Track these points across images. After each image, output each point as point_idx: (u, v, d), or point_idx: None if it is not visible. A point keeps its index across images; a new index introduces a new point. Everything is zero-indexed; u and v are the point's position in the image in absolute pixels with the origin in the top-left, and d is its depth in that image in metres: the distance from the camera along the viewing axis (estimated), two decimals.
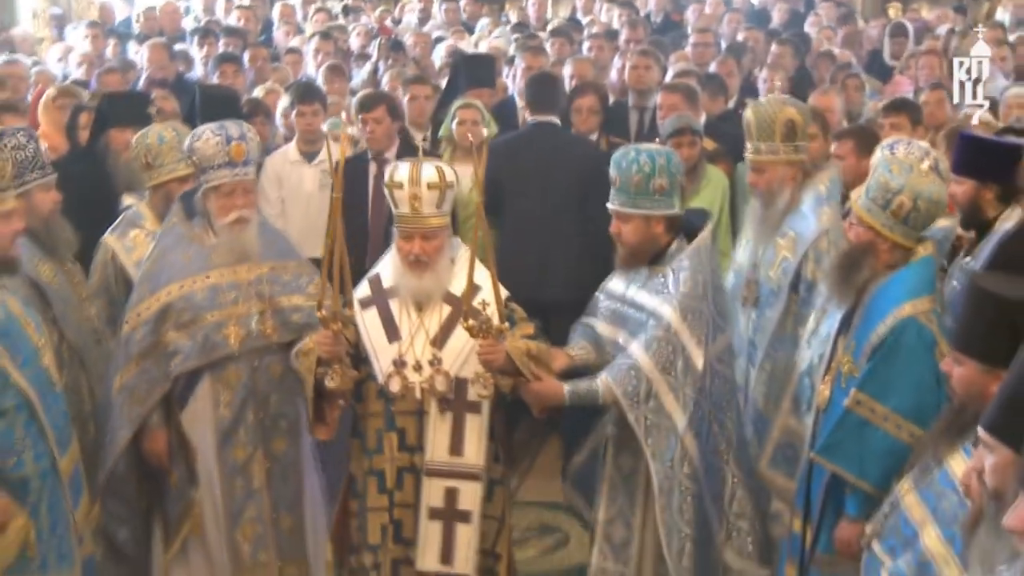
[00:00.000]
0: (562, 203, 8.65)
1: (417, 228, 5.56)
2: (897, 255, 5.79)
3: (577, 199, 8.25)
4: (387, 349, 5.61)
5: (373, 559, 5.66)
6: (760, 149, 6.97)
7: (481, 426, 5.57)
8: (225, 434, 6.40)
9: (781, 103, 7.11)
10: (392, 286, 5.73)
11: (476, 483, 5.55)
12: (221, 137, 6.24)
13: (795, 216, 6.92)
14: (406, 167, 5.53)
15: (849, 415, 5.68)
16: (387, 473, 5.65)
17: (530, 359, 5.45)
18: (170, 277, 6.43)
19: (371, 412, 5.69)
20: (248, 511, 6.44)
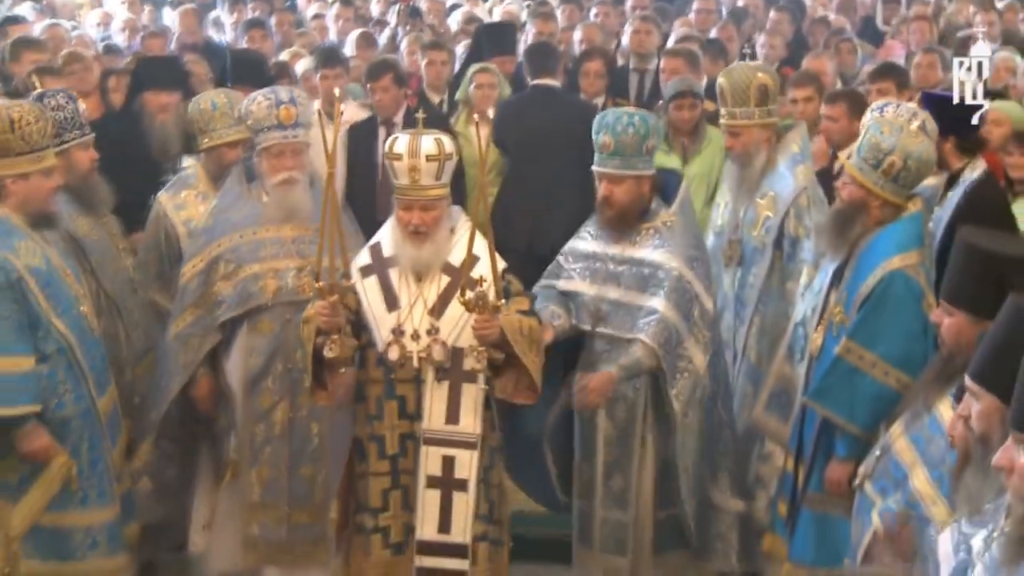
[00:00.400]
0: (560, 161, 8.54)
1: (416, 199, 5.35)
2: (887, 212, 5.76)
3: (574, 157, 8.15)
4: (386, 318, 5.42)
5: (374, 522, 5.46)
6: (735, 114, 6.92)
7: (477, 395, 5.37)
8: (253, 381, 6.39)
9: (753, 69, 7.09)
10: (392, 255, 5.52)
11: (472, 451, 5.35)
12: (271, 101, 6.29)
13: (772, 176, 6.91)
14: (405, 139, 5.33)
15: (840, 362, 5.68)
16: (387, 439, 5.47)
17: (522, 336, 5.21)
18: (223, 231, 6.47)
19: (372, 379, 5.49)
20: (265, 455, 6.40)
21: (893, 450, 4.67)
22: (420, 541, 5.29)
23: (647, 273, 5.95)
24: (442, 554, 5.26)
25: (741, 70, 7.04)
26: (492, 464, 5.50)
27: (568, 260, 6.26)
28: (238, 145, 7.02)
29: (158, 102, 8.60)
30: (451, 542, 5.24)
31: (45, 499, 5.90)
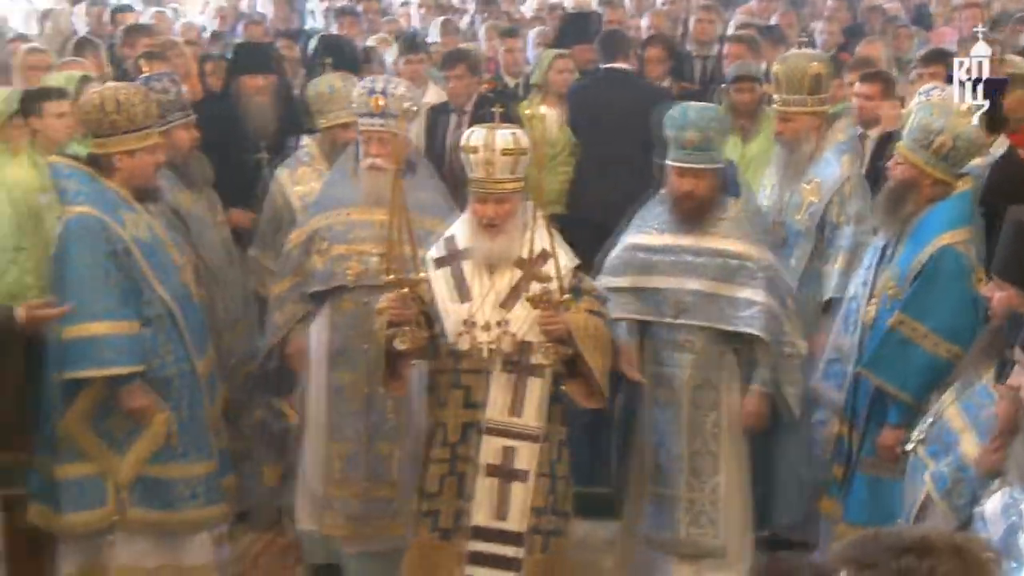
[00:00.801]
0: (632, 140, 8.34)
1: (490, 192, 5.11)
2: (938, 190, 5.72)
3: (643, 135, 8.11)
4: (458, 309, 5.18)
5: (429, 506, 5.22)
6: (789, 101, 6.81)
7: (542, 389, 5.12)
8: (334, 357, 6.36)
9: (808, 58, 6.98)
10: (465, 247, 5.28)
11: (533, 444, 5.10)
12: (367, 89, 6.26)
13: (818, 163, 6.79)
14: (481, 132, 5.10)
15: (892, 334, 5.64)
16: (450, 427, 5.22)
17: (588, 334, 4.97)
18: (325, 207, 6.47)
19: (440, 368, 5.28)
20: (345, 430, 6.36)
21: (944, 417, 4.66)
22: (475, 527, 5.06)
23: (734, 264, 5.79)
24: (496, 541, 5.05)
25: (796, 58, 6.93)
26: (559, 458, 5.24)
27: (637, 254, 6.03)
28: (350, 127, 6.93)
29: (253, 85, 8.64)
30: (506, 529, 5.02)
31: (148, 452, 6.03)
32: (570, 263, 5.17)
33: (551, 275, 4.89)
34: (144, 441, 6.01)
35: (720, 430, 5.96)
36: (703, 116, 5.87)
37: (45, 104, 7.30)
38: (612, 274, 6.04)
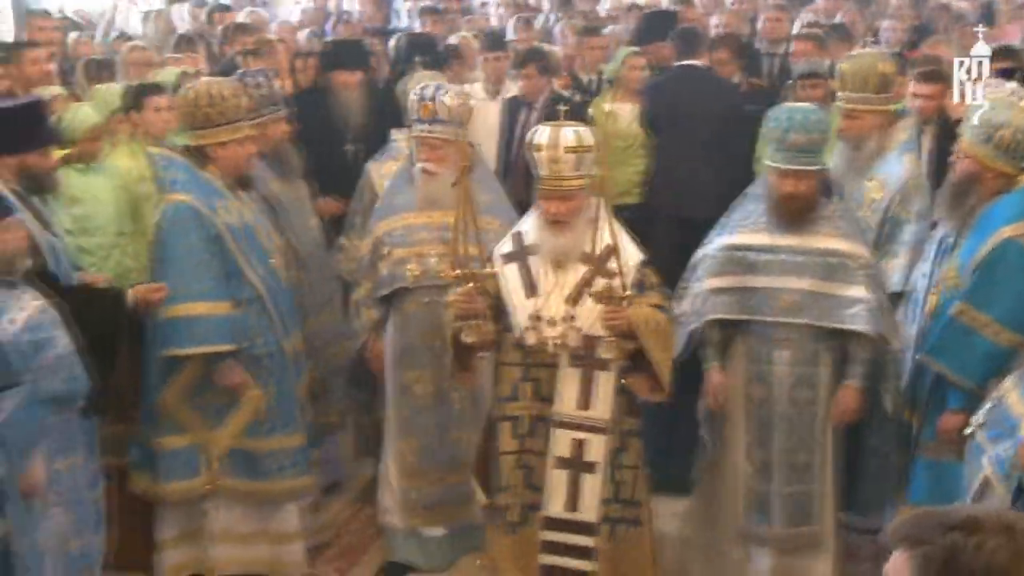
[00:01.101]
0: (705, 133, 8.36)
1: (556, 189, 4.90)
2: (1001, 183, 5.63)
3: (717, 129, 8.07)
4: (525, 304, 4.97)
5: (505, 499, 5.10)
6: (855, 99, 6.57)
7: (610, 382, 4.93)
8: (400, 357, 6.36)
9: (875, 57, 6.80)
10: (533, 243, 5.08)
11: (602, 436, 4.93)
12: (417, 96, 6.19)
13: (882, 161, 6.60)
14: (547, 131, 4.88)
15: (954, 322, 5.56)
16: (522, 420, 5.07)
17: (650, 329, 4.77)
18: (385, 214, 6.43)
19: (508, 362, 5.08)
20: (415, 426, 6.35)
21: (1006, 402, 4.60)
22: (547, 517, 4.95)
23: (835, 263, 5.63)
24: (569, 530, 4.91)
25: (863, 57, 6.77)
26: (624, 447, 5.04)
27: (735, 253, 5.81)
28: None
29: (344, 80, 8.74)
30: (578, 519, 4.89)
31: (242, 426, 6.18)
32: (636, 258, 5.02)
33: (616, 271, 4.74)
34: (238, 415, 6.17)
35: (816, 426, 5.82)
36: (808, 119, 5.70)
37: (146, 99, 7.41)
38: (712, 275, 5.86)
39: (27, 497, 5.26)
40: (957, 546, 2.38)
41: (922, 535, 2.43)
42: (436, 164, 6.10)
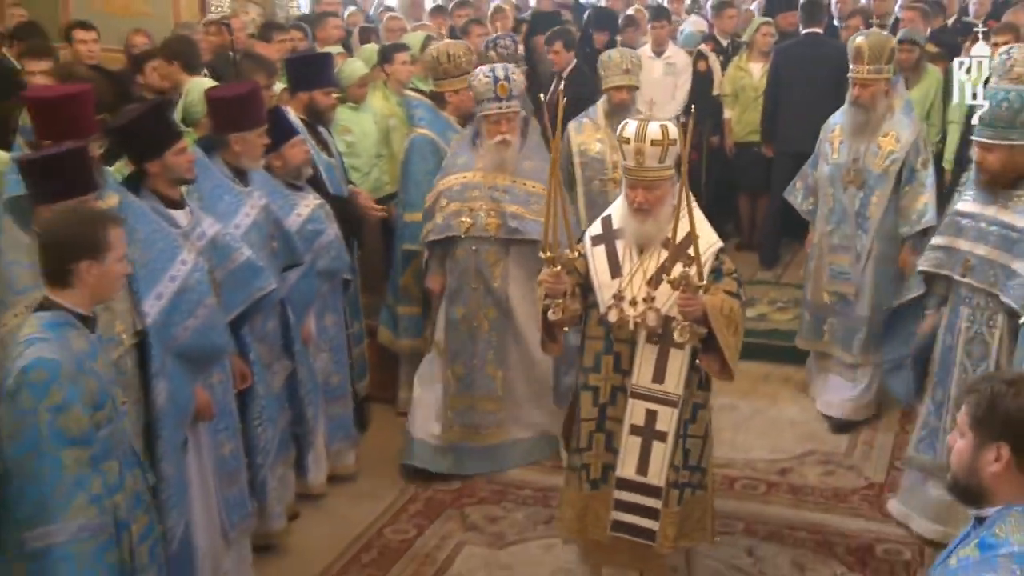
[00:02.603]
0: (822, 86, 8.02)
1: (640, 179, 4.24)
2: None
3: (832, 84, 7.78)
4: (609, 284, 4.37)
5: (580, 460, 4.51)
6: (869, 70, 6.10)
7: (683, 360, 4.31)
8: (450, 296, 5.94)
9: (885, 36, 6.41)
10: (619, 228, 4.44)
11: (673, 408, 4.34)
12: (491, 78, 5.67)
13: (891, 119, 6.19)
14: (634, 124, 4.23)
15: None
16: (602, 390, 4.46)
17: (723, 315, 4.16)
18: (447, 172, 5.98)
19: (592, 336, 4.46)
20: (459, 355, 5.95)
21: None
22: (620, 478, 4.40)
23: (1015, 237, 4.87)
24: (638, 492, 4.36)
25: (877, 36, 6.25)
26: (693, 418, 4.43)
27: (955, 218, 5.15)
28: (623, 89, 6.50)
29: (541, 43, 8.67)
30: (647, 483, 4.34)
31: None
32: (714, 245, 4.37)
33: (691, 260, 4.12)
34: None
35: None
36: (996, 96, 4.95)
37: (396, 55, 7.56)
38: (938, 233, 5.32)
39: (304, 343, 5.47)
40: (998, 392, 2.40)
41: (976, 385, 2.47)
42: (511, 134, 5.77)
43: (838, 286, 6.40)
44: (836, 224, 6.35)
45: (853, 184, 6.24)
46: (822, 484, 5.84)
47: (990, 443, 2.37)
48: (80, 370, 3.37)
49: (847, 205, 6.28)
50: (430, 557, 5.26)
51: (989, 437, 2.38)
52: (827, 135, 6.46)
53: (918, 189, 6.11)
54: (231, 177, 5.10)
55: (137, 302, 4.20)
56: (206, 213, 4.78)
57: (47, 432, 3.27)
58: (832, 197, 6.36)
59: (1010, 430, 2.35)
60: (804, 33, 8.88)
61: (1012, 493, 2.36)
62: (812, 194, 6.56)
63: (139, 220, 4.36)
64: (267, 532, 5.20)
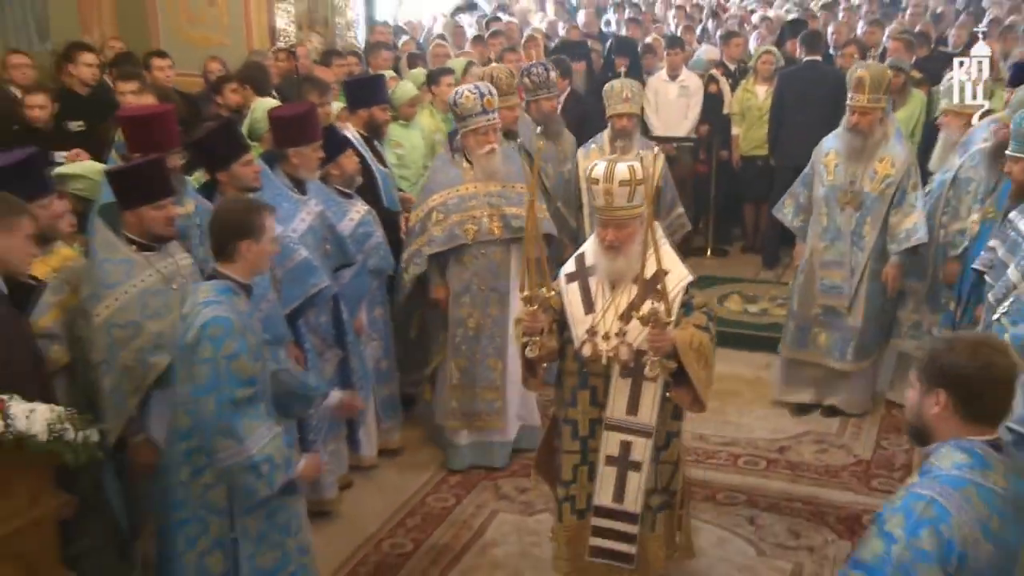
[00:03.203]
0: (819, 106, 7.95)
1: (611, 218, 3.86)
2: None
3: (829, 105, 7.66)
4: (583, 319, 3.99)
5: (566, 492, 4.14)
6: (869, 99, 5.77)
7: (655, 392, 3.92)
8: (456, 296, 5.62)
9: (884, 67, 6.10)
10: (592, 265, 4.05)
11: (647, 439, 3.96)
12: (476, 94, 5.38)
13: (886, 145, 5.89)
14: (603, 165, 3.86)
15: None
16: (580, 423, 4.08)
17: (693, 350, 3.77)
18: (434, 189, 5.64)
19: (568, 370, 4.08)
20: (462, 350, 5.67)
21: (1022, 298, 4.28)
22: (597, 506, 4.04)
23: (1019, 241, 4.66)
24: (615, 519, 4.02)
25: (877, 68, 5.91)
26: (667, 445, 4.07)
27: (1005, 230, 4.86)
28: (623, 117, 6.34)
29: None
30: (623, 510, 4.00)
31: None
32: (684, 279, 3.98)
33: (664, 294, 3.73)
34: None
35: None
36: (1019, 115, 4.94)
37: (441, 78, 7.52)
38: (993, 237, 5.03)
39: (356, 333, 5.42)
40: (937, 348, 2.62)
41: (922, 346, 2.89)
42: (497, 143, 5.52)
43: (829, 300, 6.13)
44: (831, 241, 6.08)
45: (850, 205, 5.97)
46: (816, 461, 5.76)
47: (932, 390, 2.58)
48: (245, 327, 3.59)
49: (842, 224, 6.02)
50: (467, 523, 5.23)
51: (930, 385, 2.58)
52: (820, 157, 6.15)
53: (907, 210, 5.87)
54: (290, 186, 5.08)
55: None
56: None
57: (225, 376, 3.49)
58: (827, 216, 6.08)
59: (946, 379, 2.54)
60: (805, 60, 8.79)
61: (950, 432, 2.56)
62: (803, 212, 6.28)
63: None
64: (320, 500, 5.17)
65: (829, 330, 6.18)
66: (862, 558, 2.50)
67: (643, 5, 13.73)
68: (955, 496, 2.42)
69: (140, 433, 4.07)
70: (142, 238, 4.08)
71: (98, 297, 3.98)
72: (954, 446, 2.52)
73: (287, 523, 3.78)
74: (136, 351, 3.98)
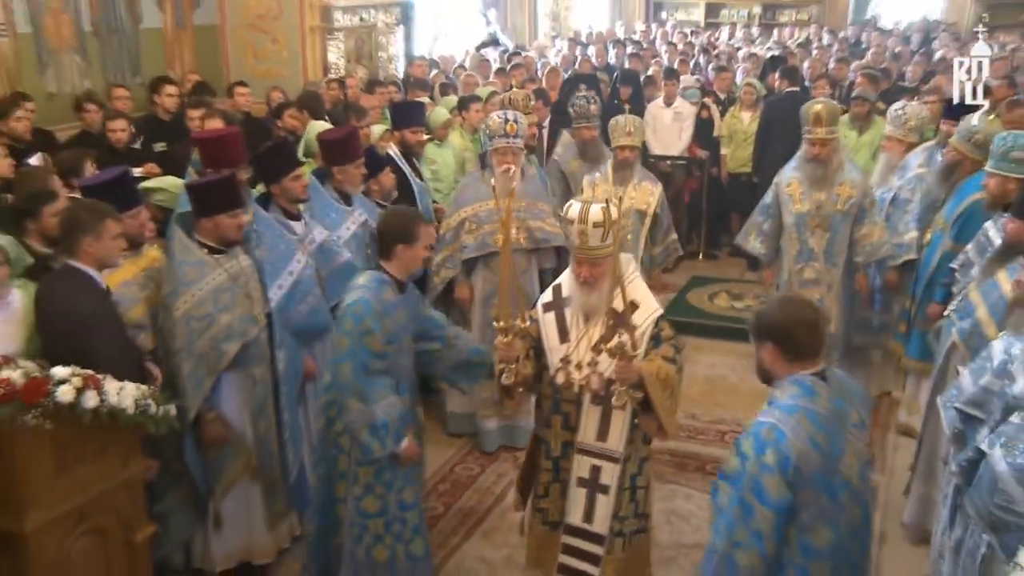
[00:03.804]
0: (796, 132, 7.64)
1: (585, 256, 3.55)
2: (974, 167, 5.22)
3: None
4: (558, 348, 3.68)
5: (540, 504, 3.85)
6: (827, 131, 5.55)
7: (624, 420, 3.60)
8: (486, 297, 5.49)
9: (835, 103, 5.93)
10: (567, 296, 3.73)
11: (616, 464, 3.63)
12: (503, 120, 5.34)
13: (842, 171, 5.63)
14: (577, 207, 3.54)
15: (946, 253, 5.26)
16: (552, 444, 3.75)
17: (659, 381, 3.45)
18: (465, 202, 5.55)
19: (544, 394, 3.78)
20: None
21: (968, 297, 4.29)
22: (567, 525, 3.71)
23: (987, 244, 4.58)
24: (584, 538, 3.71)
25: (828, 104, 5.69)
26: (640, 471, 3.73)
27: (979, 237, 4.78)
28: (626, 149, 5.94)
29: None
30: (592, 531, 3.68)
31: None
32: (654, 313, 3.65)
33: (635, 326, 3.46)
34: None
35: None
36: (1000, 137, 4.90)
37: (470, 104, 7.51)
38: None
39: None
40: (758, 311, 2.89)
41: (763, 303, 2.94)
42: (515, 165, 5.39)
43: None
44: (806, 262, 5.75)
45: (820, 228, 5.68)
46: None
47: (762, 344, 2.85)
48: (384, 312, 3.76)
49: (815, 246, 5.71)
50: (489, 490, 5.26)
51: (760, 340, 2.86)
52: (783, 188, 5.83)
53: (869, 225, 5.66)
54: (337, 199, 5.11)
55: (264, 291, 4.24)
56: (316, 225, 4.81)
57: (359, 347, 3.69)
58: (798, 240, 5.76)
59: (768, 332, 2.82)
60: (785, 91, 8.80)
61: (783, 371, 2.84)
62: (767, 238, 5.97)
63: (266, 228, 4.42)
64: None
65: None
66: (725, 472, 2.79)
67: (644, 42, 13.70)
68: (790, 421, 2.71)
69: (212, 411, 4.11)
70: (214, 243, 4.12)
71: (177, 293, 4.02)
72: (790, 381, 2.80)
73: (391, 480, 3.87)
74: (210, 339, 4.03)
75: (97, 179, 4.30)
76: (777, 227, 5.91)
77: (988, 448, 2.98)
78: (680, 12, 18.72)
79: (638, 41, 13.61)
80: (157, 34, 8.64)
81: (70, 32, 7.63)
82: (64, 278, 3.65)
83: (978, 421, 3.36)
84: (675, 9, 18.82)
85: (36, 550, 3.07)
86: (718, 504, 2.79)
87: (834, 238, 5.70)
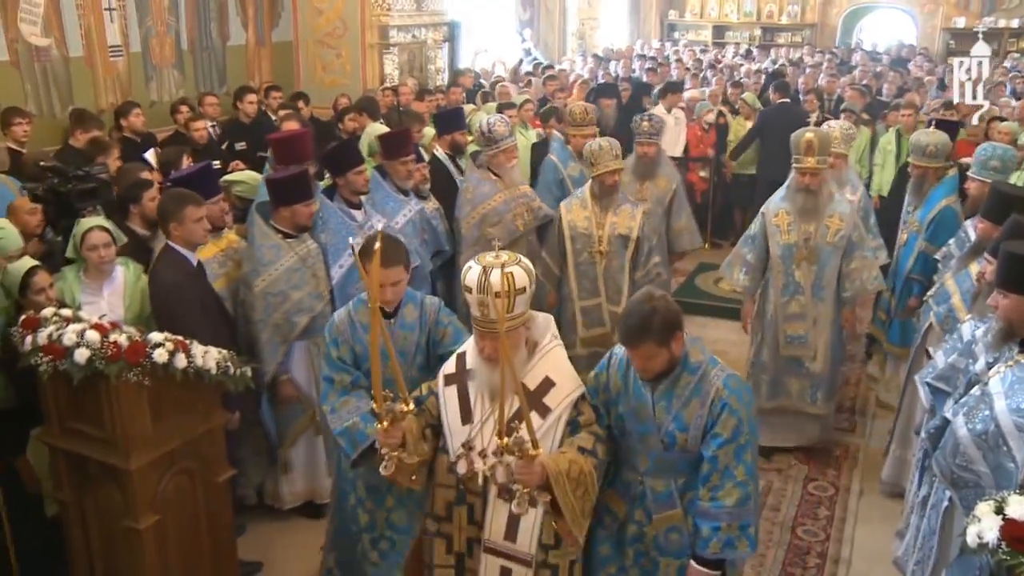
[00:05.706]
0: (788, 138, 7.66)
1: (488, 331, 2.60)
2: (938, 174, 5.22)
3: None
4: (460, 430, 2.71)
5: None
6: (818, 160, 4.69)
7: (535, 519, 2.66)
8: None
9: (827, 130, 5.14)
10: (472, 369, 2.73)
11: (528, 569, 2.69)
12: (506, 123, 5.24)
13: (832, 202, 4.81)
14: (476, 272, 2.60)
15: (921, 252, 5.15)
16: (455, 539, 2.79)
17: (569, 479, 2.51)
18: (479, 201, 5.20)
19: (442, 483, 2.78)
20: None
21: (944, 285, 4.19)
22: None
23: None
24: None
25: (820, 132, 4.84)
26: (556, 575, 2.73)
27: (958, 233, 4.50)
28: (615, 173, 4.93)
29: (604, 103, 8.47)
30: None
31: None
32: (573, 393, 2.69)
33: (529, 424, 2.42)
34: None
35: None
36: (984, 148, 4.79)
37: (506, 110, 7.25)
38: None
39: None
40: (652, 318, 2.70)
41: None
42: (516, 160, 5.37)
43: (794, 350, 4.93)
44: (791, 296, 4.88)
45: (807, 261, 4.82)
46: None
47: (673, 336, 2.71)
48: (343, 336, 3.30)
49: (801, 279, 4.85)
50: None
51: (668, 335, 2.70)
52: (770, 218, 4.94)
53: (859, 259, 4.83)
54: (396, 190, 5.08)
55: (327, 270, 4.24)
56: (375, 213, 4.79)
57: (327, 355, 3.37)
58: (784, 273, 4.87)
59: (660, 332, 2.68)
60: (778, 102, 8.65)
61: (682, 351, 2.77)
62: (753, 270, 5.01)
63: (331, 216, 4.41)
64: None
65: (799, 378, 5.00)
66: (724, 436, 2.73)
67: (659, 58, 13.52)
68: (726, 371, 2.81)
69: (284, 374, 4.15)
70: (288, 229, 4.13)
71: (257, 272, 4.04)
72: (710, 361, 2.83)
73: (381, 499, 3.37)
74: (284, 313, 4.05)
75: (183, 172, 4.35)
76: (762, 258, 4.98)
77: (952, 416, 2.97)
78: (691, 33, 18.61)
79: (653, 57, 13.41)
80: (240, 50, 8.72)
81: (171, 51, 7.88)
82: (162, 257, 3.78)
83: (946, 394, 3.33)
84: (686, 30, 18.70)
85: (139, 485, 3.15)
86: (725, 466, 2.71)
87: (822, 272, 4.84)
